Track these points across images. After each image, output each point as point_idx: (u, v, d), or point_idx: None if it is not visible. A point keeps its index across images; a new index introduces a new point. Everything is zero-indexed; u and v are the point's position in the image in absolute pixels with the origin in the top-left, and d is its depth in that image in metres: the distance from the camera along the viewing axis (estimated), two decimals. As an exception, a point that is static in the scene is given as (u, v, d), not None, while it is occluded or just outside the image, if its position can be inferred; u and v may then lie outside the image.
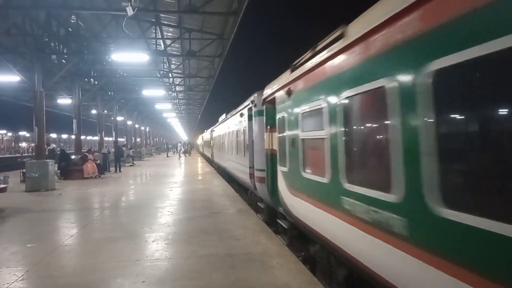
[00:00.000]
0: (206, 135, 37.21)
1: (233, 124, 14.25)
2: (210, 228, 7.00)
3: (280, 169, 6.67)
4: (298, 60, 5.68)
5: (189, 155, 46.48)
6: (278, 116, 6.76)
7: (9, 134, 76.89)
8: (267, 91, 7.71)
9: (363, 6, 3.71)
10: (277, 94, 6.82)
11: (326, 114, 4.32)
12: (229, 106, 18.89)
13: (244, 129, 11.13)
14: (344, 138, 3.90)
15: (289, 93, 5.91)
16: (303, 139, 5.29)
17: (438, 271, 2.41)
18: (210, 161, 30.10)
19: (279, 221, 7.26)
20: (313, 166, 5.04)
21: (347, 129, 3.89)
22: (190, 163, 30.13)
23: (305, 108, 5.14)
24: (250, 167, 9.93)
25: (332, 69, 4.17)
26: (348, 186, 3.75)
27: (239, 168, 12.38)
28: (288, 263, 4.96)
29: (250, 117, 9.99)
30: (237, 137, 13.04)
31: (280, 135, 6.64)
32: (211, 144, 28.06)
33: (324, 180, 4.39)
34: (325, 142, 4.37)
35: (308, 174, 5.14)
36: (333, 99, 4.12)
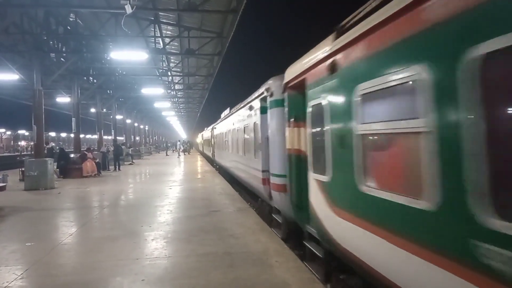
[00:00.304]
0: (207, 133, 36.89)
1: (239, 119, 12.53)
2: (209, 226, 7.01)
3: (315, 177, 4.99)
4: (351, 16, 3.97)
5: (189, 153, 46.51)
6: (310, 104, 5.11)
7: (8, 132, 76.78)
8: (291, 74, 6.14)
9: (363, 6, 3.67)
10: (309, 74, 5.16)
11: (430, 90, 2.56)
12: (229, 104, 18.85)
13: (254, 125, 9.50)
14: (487, 130, 2.14)
15: (332, 68, 4.26)
16: (363, 135, 3.60)
17: None
18: (210, 160, 29.99)
19: (307, 244, 5.58)
20: (389, 178, 3.33)
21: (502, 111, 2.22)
22: (190, 162, 30.13)
23: (370, 85, 3.37)
24: (263, 171, 8.25)
25: (452, 6, 2.36)
26: (500, 225, 2.03)
27: (248, 171, 10.70)
28: (287, 261, 4.97)
29: (263, 110, 8.29)
30: (244, 134, 11.36)
31: (315, 130, 5.06)
32: (212, 143, 27.73)
33: (422, 204, 2.65)
34: (426, 139, 2.63)
35: (376, 189, 3.35)
36: (452, 62, 2.33)
